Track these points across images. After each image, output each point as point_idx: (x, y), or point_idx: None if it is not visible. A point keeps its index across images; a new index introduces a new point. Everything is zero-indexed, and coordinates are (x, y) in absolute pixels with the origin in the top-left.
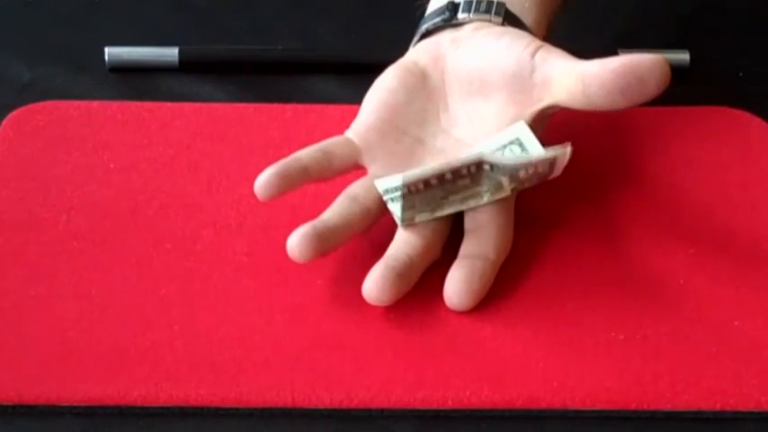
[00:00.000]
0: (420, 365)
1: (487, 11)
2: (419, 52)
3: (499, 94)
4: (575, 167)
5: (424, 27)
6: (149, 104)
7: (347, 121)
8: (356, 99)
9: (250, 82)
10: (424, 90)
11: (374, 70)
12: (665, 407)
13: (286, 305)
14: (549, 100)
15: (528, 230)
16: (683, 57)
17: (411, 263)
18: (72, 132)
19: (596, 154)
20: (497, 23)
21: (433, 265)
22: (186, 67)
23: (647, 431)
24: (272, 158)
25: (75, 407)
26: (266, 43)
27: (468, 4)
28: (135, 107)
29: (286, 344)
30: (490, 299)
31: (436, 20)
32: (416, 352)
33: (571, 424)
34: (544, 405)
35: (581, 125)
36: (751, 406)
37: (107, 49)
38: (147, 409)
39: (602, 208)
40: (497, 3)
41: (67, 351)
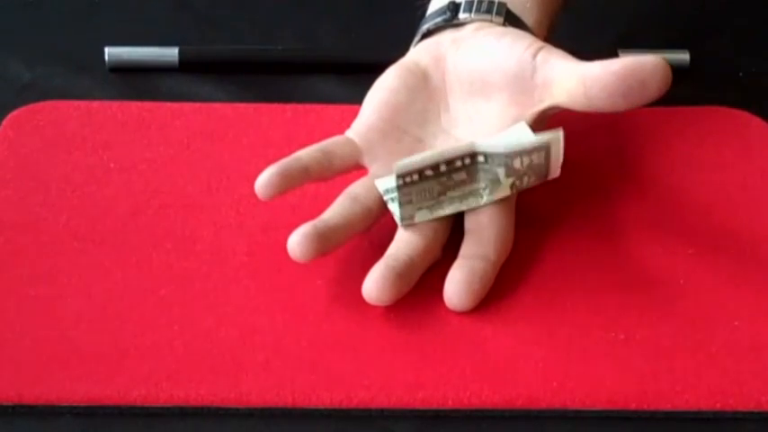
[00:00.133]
0: (420, 365)
1: (488, 11)
2: (420, 52)
3: (500, 94)
4: (575, 167)
5: (424, 27)
6: (149, 104)
7: (347, 121)
8: (356, 99)
9: (250, 82)
10: (425, 90)
11: (374, 70)
12: (665, 407)
13: (286, 305)
14: (549, 101)
15: (528, 230)
16: (683, 57)
17: (411, 263)
18: (72, 132)
19: (596, 154)
20: (498, 24)
21: (433, 266)
22: (186, 67)
23: (647, 431)
24: (272, 158)
25: (75, 407)
26: (266, 43)
27: (470, 4)
28: (135, 107)
29: (286, 344)
30: (490, 299)
31: (437, 20)
32: (416, 352)
33: (571, 424)
34: (544, 405)
35: (581, 125)
36: (751, 406)
37: (107, 49)
38: (147, 409)
39: (602, 208)
40: (498, 3)
41: (67, 351)
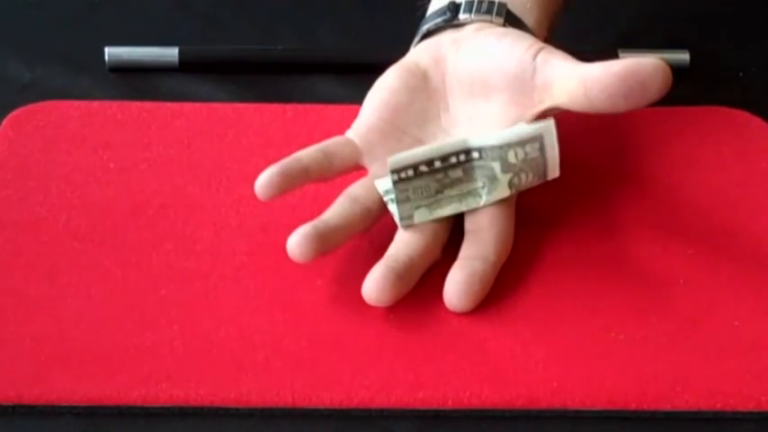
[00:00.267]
0: (420, 365)
1: (489, 11)
2: (420, 53)
3: (500, 95)
4: (575, 167)
5: (424, 27)
6: (149, 104)
7: (347, 121)
8: (356, 99)
9: (250, 82)
10: (425, 90)
11: (374, 70)
12: (665, 407)
13: (286, 305)
14: (549, 102)
15: (528, 231)
16: (683, 57)
17: (411, 264)
18: (72, 132)
19: (596, 154)
20: (499, 24)
21: (433, 266)
22: (186, 67)
23: (646, 431)
24: (272, 158)
25: (75, 407)
26: (266, 43)
27: (470, 4)
28: (135, 107)
29: (286, 344)
30: (490, 299)
31: (437, 20)
32: (416, 352)
33: (571, 424)
34: (544, 405)
35: (581, 125)
36: (751, 406)
37: (107, 49)
38: (147, 409)
39: (602, 208)
40: (499, 3)
41: (67, 351)
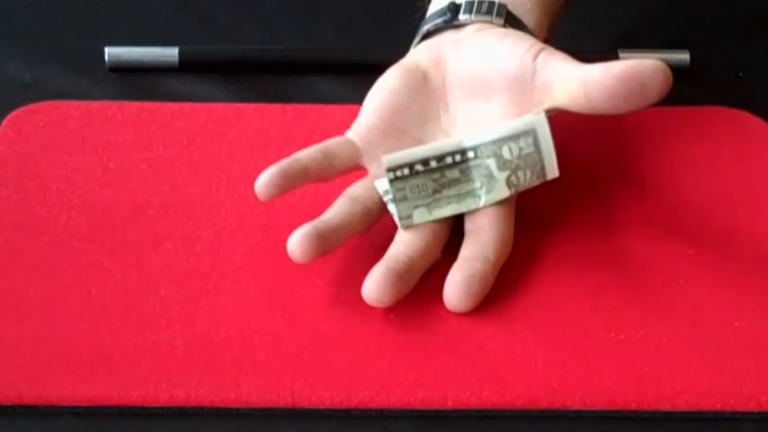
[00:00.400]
0: (420, 365)
1: (489, 12)
2: (420, 53)
3: (500, 95)
4: (575, 168)
5: (425, 28)
6: (149, 104)
7: (347, 121)
8: (356, 99)
9: (250, 82)
10: (425, 91)
11: (374, 70)
12: (664, 407)
13: (286, 305)
14: (550, 103)
15: (528, 231)
16: (683, 57)
17: (411, 264)
18: (72, 132)
19: (596, 154)
20: (499, 25)
21: (432, 267)
22: (186, 67)
23: (647, 431)
24: (272, 158)
25: (75, 407)
26: (266, 43)
27: (470, 5)
28: (135, 107)
29: (286, 344)
30: (490, 299)
31: (437, 21)
32: (416, 352)
33: (571, 424)
34: (544, 405)
35: (581, 125)
36: (751, 406)
37: (107, 49)
38: (147, 409)
39: (602, 208)
40: (499, 4)
41: (67, 351)
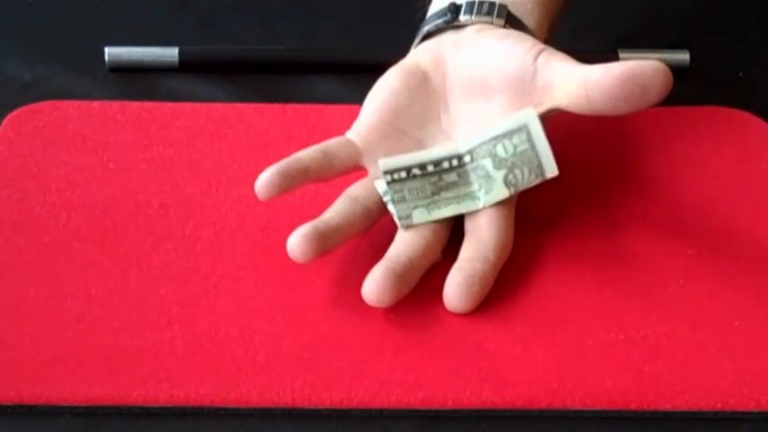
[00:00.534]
0: (420, 365)
1: (489, 13)
2: (421, 54)
3: (501, 96)
4: (574, 168)
5: (425, 29)
6: (149, 104)
7: (347, 121)
8: (356, 99)
9: (250, 82)
10: (425, 91)
11: (374, 70)
12: (664, 407)
13: (286, 305)
14: (550, 103)
15: (528, 231)
16: (683, 57)
17: (411, 264)
18: (72, 132)
19: (596, 154)
20: (499, 26)
21: (432, 267)
22: (186, 67)
23: (647, 431)
24: (272, 158)
25: (75, 407)
26: (266, 43)
27: (470, 5)
28: (135, 107)
29: (286, 344)
30: (490, 299)
31: (438, 21)
32: (416, 352)
33: (571, 424)
34: (544, 405)
35: (580, 125)
36: (751, 406)
37: (107, 49)
38: (147, 409)
39: (603, 208)
40: (499, 5)
41: (67, 351)
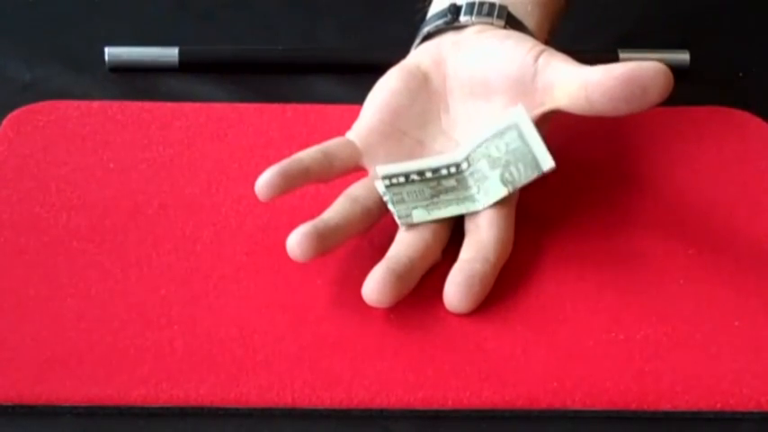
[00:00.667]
0: (420, 365)
1: (489, 14)
2: (421, 55)
3: (501, 97)
4: (574, 167)
5: (425, 30)
6: (149, 104)
7: (347, 121)
8: (356, 99)
9: (250, 82)
10: (425, 92)
11: (374, 70)
12: (665, 407)
13: (286, 305)
14: (550, 104)
15: (528, 231)
16: (683, 57)
17: (411, 265)
18: (72, 132)
19: (596, 154)
20: (499, 26)
21: (433, 267)
22: (186, 67)
23: (646, 431)
24: (272, 158)
25: (75, 407)
26: (266, 43)
27: (471, 6)
28: (135, 107)
29: (286, 344)
30: (490, 299)
31: (438, 22)
32: (416, 352)
33: (571, 424)
34: (544, 405)
35: (580, 125)
36: (751, 406)
37: (107, 49)
38: (147, 409)
39: (603, 208)
40: (500, 6)
41: (67, 351)
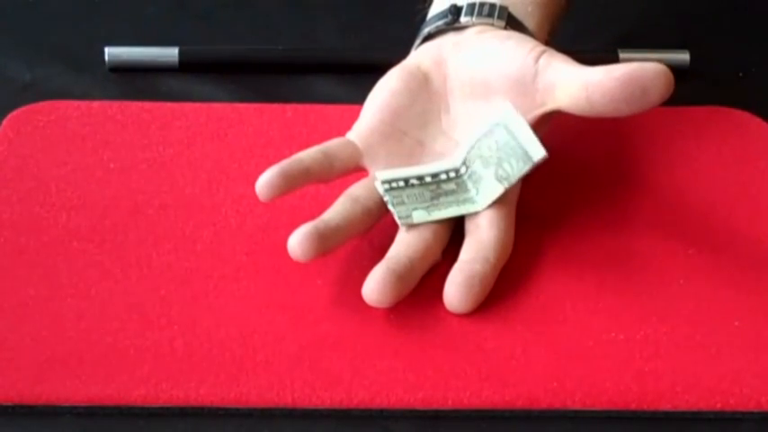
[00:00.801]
0: (420, 365)
1: (490, 14)
2: (422, 55)
3: (501, 97)
4: (574, 167)
5: (426, 30)
6: (149, 104)
7: (347, 121)
8: (356, 99)
9: (250, 82)
10: (426, 93)
11: (374, 71)
12: (665, 407)
13: (286, 305)
14: (551, 105)
15: (528, 231)
16: (683, 57)
17: (411, 265)
18: (72, 132)
19: (596, 154)
20: (500, 27)
21: (433, 268)
22: (186, 67)
23: (646, 431)
24: (272, 158)
25: (75, 407)
26: (266, 43)
27: (471, 7)
28: (135, 107)
29: (286, 344)
30: (490, 300)
31: (438, 23)
32: (416, 352)
33: (571, 424)
34: (544, 405)
35: (580, 125)
36: (751, 406)
37: (107, 49)
38: (147, 409)
39: (603, 208)
40: (500, 6)
41: (67, 351)
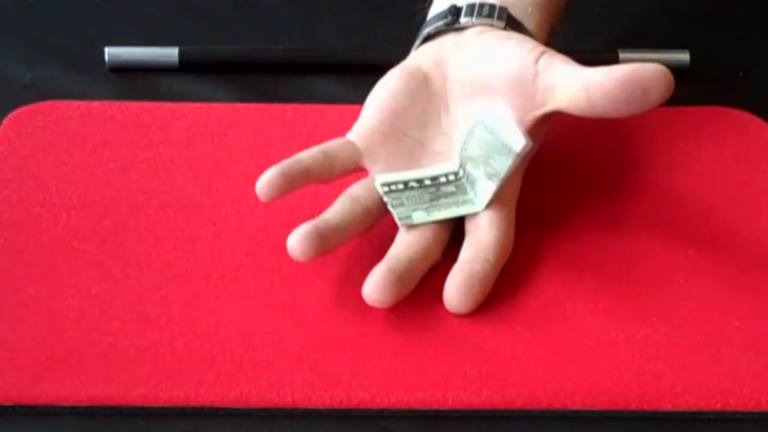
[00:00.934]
0: (420, 365)
1: (490, 15)
2: (422, 55)
3: (501, 98)
4: (574, 168)
5: (426, 31)
6: (149, 104)
7: (347, 122)
8: (356, 99)
9: (250, 82)
10: (426, 93)
11: (374, 71)
12: (665, 407)
13: (286, 305)
14: (552, 105)
15: (528, 231)
16: (683, 57)
17: (411, 265)
18: (72, 132)
19: (596, 154)
20: (500, 28)
21: (433, 268)
22: (186, 67)
23: (647, 431)
24: (272, 158)
25: (75, 407)
26: (266, 43)
27: (471, 8)
28: (135, 107)
29: (286, 344)
30: (490, 300)
31: (438, 24)
32: (416, 352)
33: (571, 424)
34: (544, 405)
35: (580, 125)
36: (751, 406)
37: (107, 49)
38: (147, 409)
39: (602, 208)
40: (500, 7)
41: (67, 351)
